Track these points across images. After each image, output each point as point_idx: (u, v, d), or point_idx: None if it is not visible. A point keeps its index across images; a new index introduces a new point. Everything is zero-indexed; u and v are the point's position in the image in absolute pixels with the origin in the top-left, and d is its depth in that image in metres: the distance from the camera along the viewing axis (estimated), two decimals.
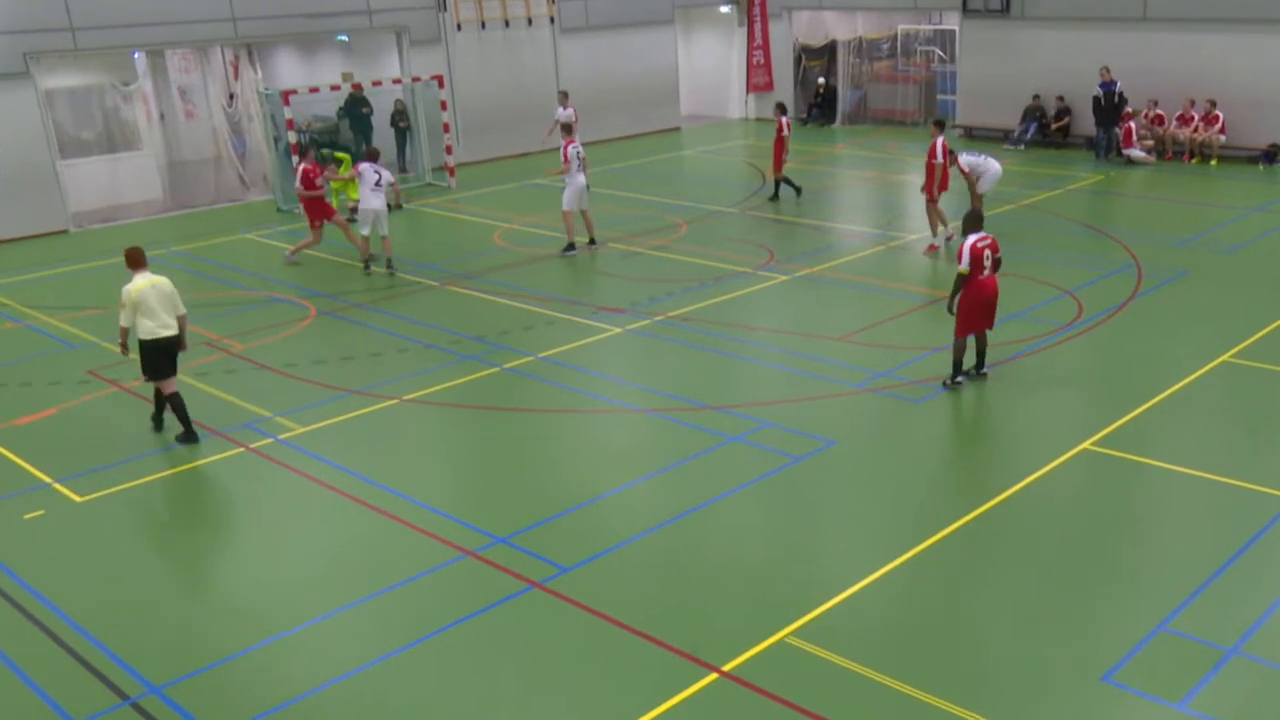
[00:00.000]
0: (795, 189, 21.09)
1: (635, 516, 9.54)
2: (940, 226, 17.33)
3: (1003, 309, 12.27)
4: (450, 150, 24.10)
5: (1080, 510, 9.40)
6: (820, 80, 30.66)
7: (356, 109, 24.61)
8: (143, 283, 11.04)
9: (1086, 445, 10.42)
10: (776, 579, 8.55)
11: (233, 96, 25.36)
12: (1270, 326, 13.20)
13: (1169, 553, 8.69)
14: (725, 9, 31.61)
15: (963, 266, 11.49)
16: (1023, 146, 25.31)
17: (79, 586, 8.86)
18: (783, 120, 20.78)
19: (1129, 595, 8.08)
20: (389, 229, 17.44)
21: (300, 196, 17.97)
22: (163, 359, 11.19)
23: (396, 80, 24.34)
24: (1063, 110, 25.13)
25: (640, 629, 7.88)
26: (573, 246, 17.89)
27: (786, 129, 20.73)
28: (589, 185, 17.98)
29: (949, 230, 17.20)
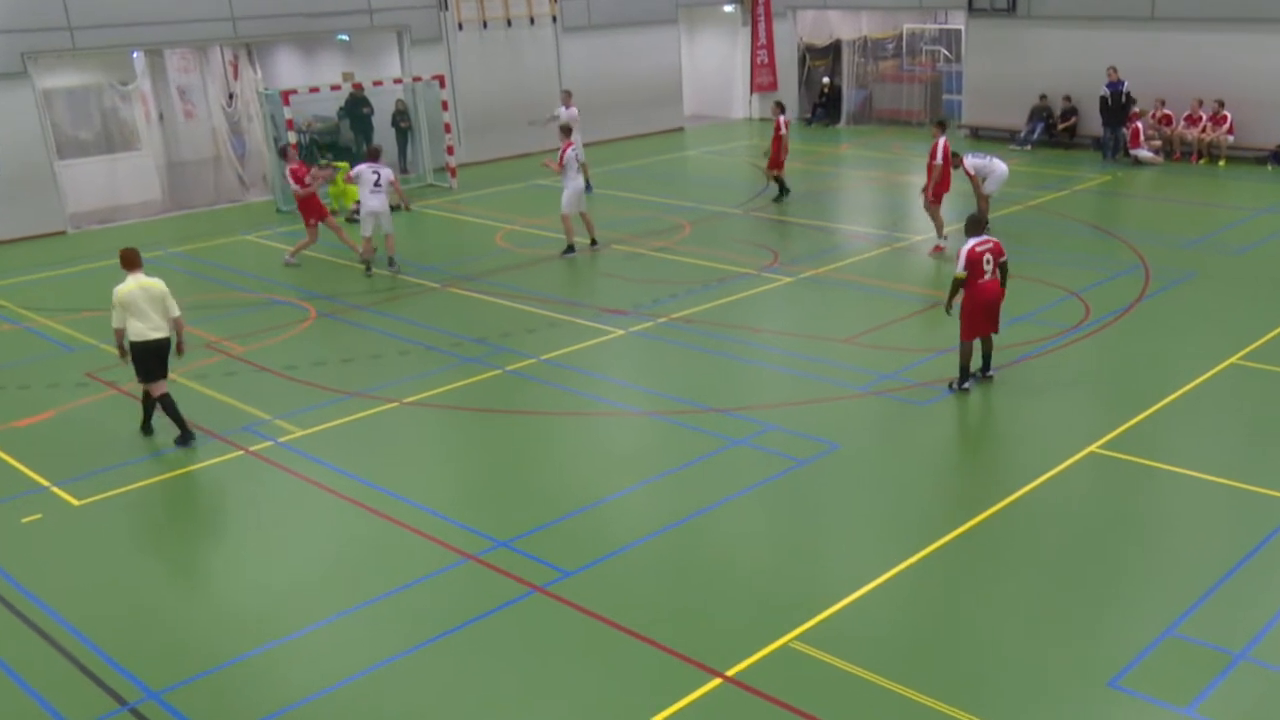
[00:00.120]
0: (784, 189, 21.00)
1: (638, 520, 9.48)
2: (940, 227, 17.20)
3: (1009, 311, 12.20)
4: (451, 151, 24.01)
5: (1087, 514, 9.31)
6: (825, 80, 30.57)
7: (357, 109, 24.52)
8: (132, 284, 10.99)
9: (1093, 448, 10.33)
10: (780, 583, 8.49)
11: (232, 96, 25.33)
12: (1279, 328, 13.12)
13: (1177, 556, 8.61)
14: (729, 8, 31.52)
15: (959, 270, 11.40)
16: (1029, 147, 25.21)
17: (77, 591, 8.80)
18: (781, 119, 20.71)
19: (1136, 599, 8.01)
20: (393, 226, 17.38)
21: (296, 196, 17.93)
22: (152, 360, 11.12)
23: (397, 80, 24.28)
24: (1069, 110, 25.03)
25: (643, 633, 7.82)
26: (572, 249, 17.83)
27: (785, 128, 20.67)
28: (590, 186, 17.88)
29: (942, 240, 16.97)
